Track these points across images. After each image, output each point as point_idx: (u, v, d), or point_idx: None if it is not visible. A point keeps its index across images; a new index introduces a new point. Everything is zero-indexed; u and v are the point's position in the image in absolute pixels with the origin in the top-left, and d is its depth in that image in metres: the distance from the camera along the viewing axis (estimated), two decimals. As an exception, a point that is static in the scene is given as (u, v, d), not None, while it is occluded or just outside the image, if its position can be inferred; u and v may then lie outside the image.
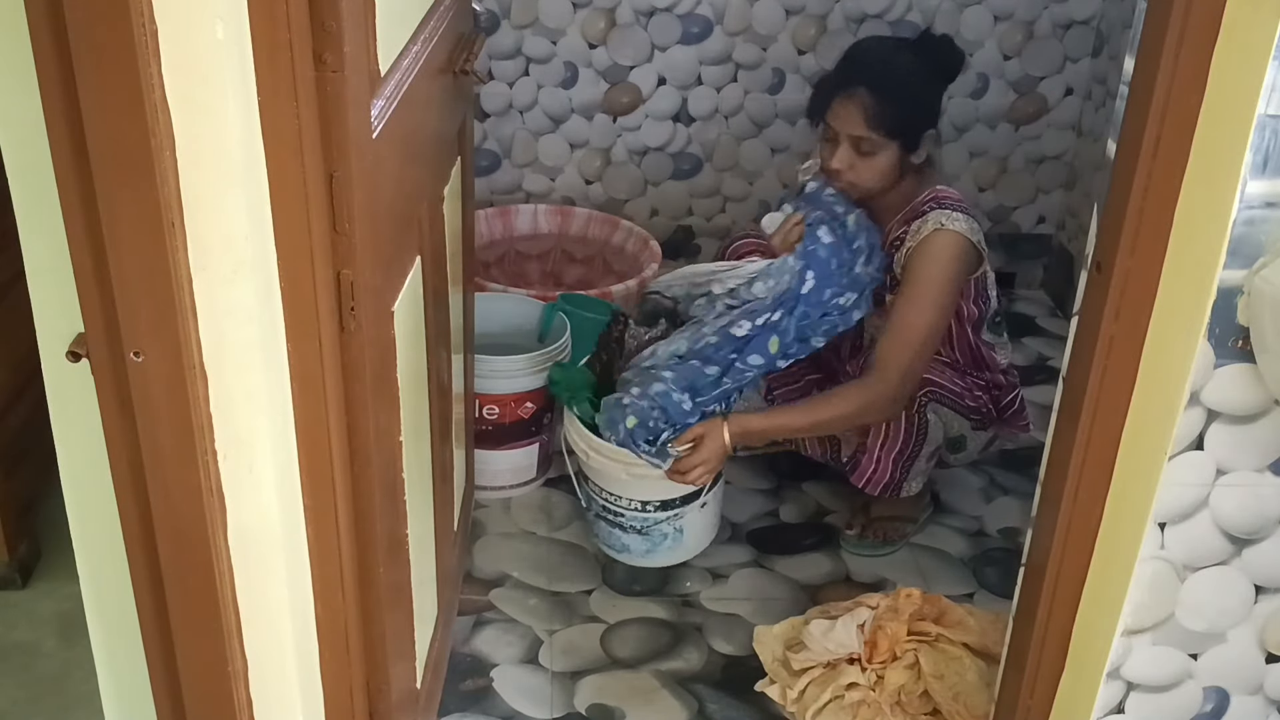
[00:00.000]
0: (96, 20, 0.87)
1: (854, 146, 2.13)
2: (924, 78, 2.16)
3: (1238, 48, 1.10)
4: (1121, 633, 1.35)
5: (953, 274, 2.14)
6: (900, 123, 2.11)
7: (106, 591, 1.17)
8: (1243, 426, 1.24)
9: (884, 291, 2.25)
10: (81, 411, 1.06)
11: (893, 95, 2.10)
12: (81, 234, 0.96)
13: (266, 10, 0.99)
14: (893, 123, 2.10)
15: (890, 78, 2.12)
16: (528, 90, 3.13)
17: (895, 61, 2.16)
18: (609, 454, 2.15)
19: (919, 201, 2.20)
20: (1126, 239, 1.22)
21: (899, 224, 2.22)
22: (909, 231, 2.19)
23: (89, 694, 1.32)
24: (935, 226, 2.14)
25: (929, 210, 2.17)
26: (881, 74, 2.12)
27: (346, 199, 1.14)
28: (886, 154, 2.13)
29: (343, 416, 1.24)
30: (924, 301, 2.13)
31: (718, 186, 3.28)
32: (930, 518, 2.45)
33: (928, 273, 2.13)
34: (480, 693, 2.01)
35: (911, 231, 2.18)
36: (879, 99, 2.09)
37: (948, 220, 2.14)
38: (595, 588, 2.28)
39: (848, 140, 2.14)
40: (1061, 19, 3.11)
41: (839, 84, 2.14)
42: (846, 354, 2.36)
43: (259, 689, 1.20)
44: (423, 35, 1.48)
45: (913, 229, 2.18)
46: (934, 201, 2.18)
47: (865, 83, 2.11)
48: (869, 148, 2.13)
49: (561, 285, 3.03)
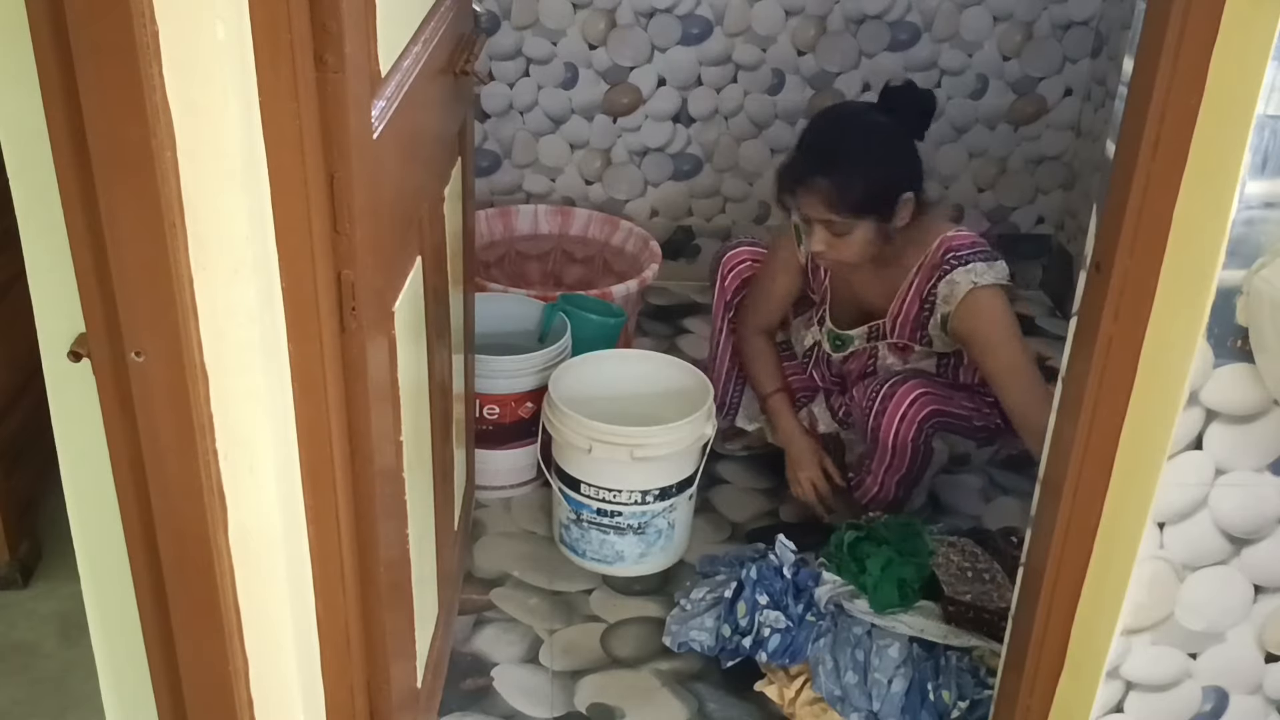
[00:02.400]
0: (97, 20, 0.87)
1: (827, 229, 2.12)
2: (886, 146, 2.13)
3: (1237, 48, 1.10)
4: (1120, 632, 1.35)
5: (1010, 320, 2.13)
6: (866, 201, 2.09)
7: (107, 591, 1.17)
8: (1242, 426, 1.24)
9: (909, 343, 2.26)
10: (82, 411, 1.06)
11: (853, 177, 2.08)
12: (82, 234, 0.96)
13: (267, 11, 1.00)
14: (858, 203, 2.09)
15: (847, 159, 2.09)
16: (528, 91, 3.13)
17: (850, 140, 2.12)
18: (614, 438, 2.16)
19: (934, 254, 2.17)
20: (1126, 239, 1.22)
21: (920, 276, 2.20)
22: (937, 295, 2.16)
23: (89, 694, 1.32)
24: (969, 287, 2.12)
25: (950, 268, 2.14)
26: (837, 157, 2.10)
27: (347, 199, 1.14)
28: (862, 229, 2.11)
29: (343, 416, 1.24)
30: (1006, 348, 2.12)
31: (718, 187, 3.28)
32: (930, 518, 2.45)
33: (995, 332, 2.12)
34: (481, 692, 2.01)
35: (941, 296, 2.16)
36: (838, 183, 2.08)
37: (976, 276, 2.12)
38: (595, 587, 2.28)
39: (820, 224, 2.13)
40: (1061, 19, 3.11)
41: (799, 174, 2.13)
42: (857, 375, 2.36)
43: (259, 689, 1.20)
44: (423, 36, 1.48)
45: (941, 294, 2.16)
46: (952, 257, 2.15)
47: (821, 170, 2.09)
48: (842, 229, 2.11)
49: (561, 285, 3.03)
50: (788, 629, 1.96)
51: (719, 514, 2.49)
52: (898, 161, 2.13)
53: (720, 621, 2.04)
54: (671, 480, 2.25)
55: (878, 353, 2.31)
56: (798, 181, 2.13)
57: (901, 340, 2.25)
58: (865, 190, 2.08)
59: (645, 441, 2.17)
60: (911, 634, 1.94)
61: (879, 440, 2.18)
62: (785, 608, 1.99)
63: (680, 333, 3.14)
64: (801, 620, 1.98)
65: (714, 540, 2.42)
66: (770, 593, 2.01)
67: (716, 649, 2.04)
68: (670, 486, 2.25)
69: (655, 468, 2.21)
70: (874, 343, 2.30)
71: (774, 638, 1.96)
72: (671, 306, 3.26)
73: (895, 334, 2.26)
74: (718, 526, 2.46)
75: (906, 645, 1.93)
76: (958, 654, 1.92)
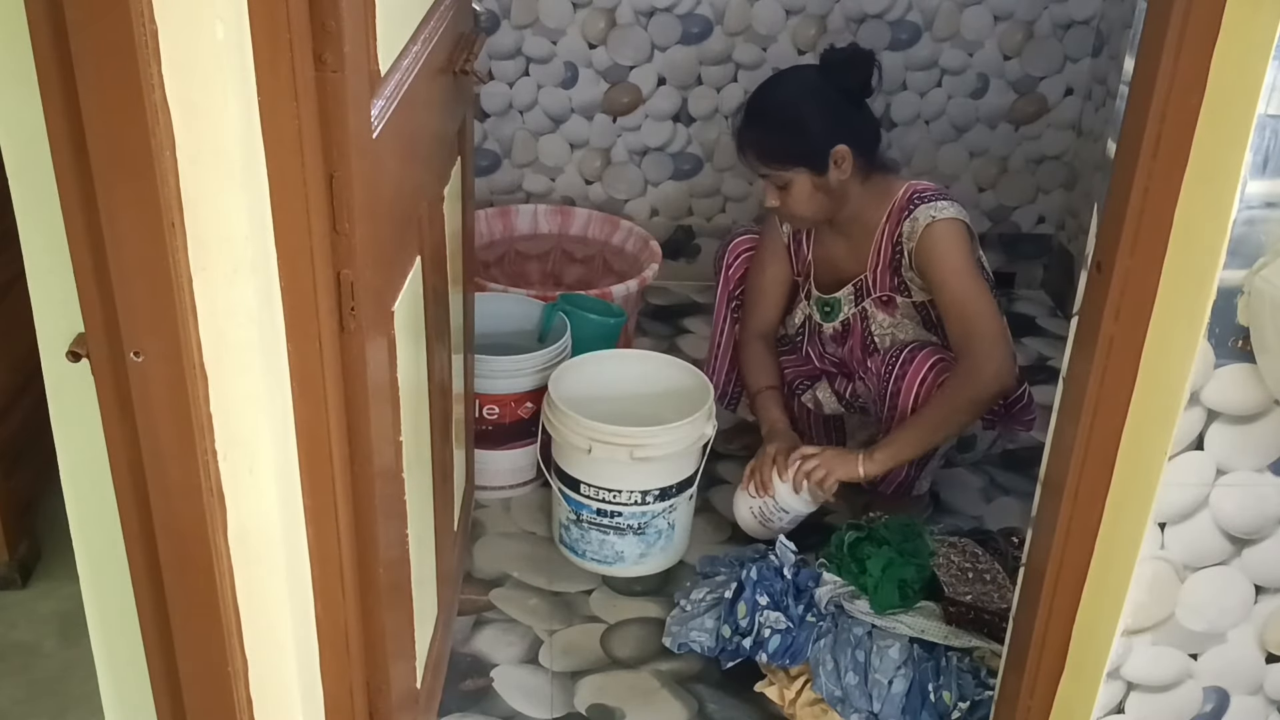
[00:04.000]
0: (96, 20, 0.87)
1: (769, 182, 2.24)
2: (809, 99, 2.21)
3: (1238, 48, 1.10)
4: (1121, 633, 1.35)
5: (967, 252, 2.19)
6: (793, 152, 2.19)
7: (106, 591, 1.17)
8: (1243, 426, 1.24)
9: (891, 294, 2.28)
10: (81, 411, 1.06)
11: (777, 129, 2.20)
12: (81, 234, 0.96)
13: (267, 10, 0.99)
14: (785, 154, 2.20)
15: (770, 112, 2.22)
16: (528, 90, 3.13)
17: (775, 93, 2.24)
18: (613, 438, 2.16)
19: (899, 200, 2.24)
20: (1126, 239, 1.22)
21: (890, 222, 2.25)
22: (903, 234, 2.22)
23: (89, 694, 1.32)
24: (927, 221, 2.19)
25: (913, 207, 2.21)
26: (763, 110, 2.22)
27: (346, 199, 1.14)
28: (799, 182, 2.21)
29: (343, 416, 1.24)
30: (956, 279, 2.17)
31: (718, 186, 3.28)
32: (930, 518, 2.45)
33: (949, 263, 2.18)
34: (480, 693, 2.01)
35: (905, 234, 2.22)
36: (763, 135, 2.21)
37: (936, 211, 2.19)
38: (595, 588, 2.28)
39: (762, 180, 2.26)
40: (1061, 19, 3.11)
41: (737, 131, 2.27)
42: (860, 354, 2.37)
43: (259, 689, 1.20)
44: (423, 35, 1.48)
45: (905, 232, 2.22)
46: (916, 197, 2.23)
47: (751, 122, 2.22)
48: (779, 181, 2.23)
49: (561, 285, 3.03)
50: (788, 630, 1.96)
51: (719, 514, 2.48)
52: (820, 112, 2.20)
53: (720, 622, 2.04)
54: (671, 480, 2.24)
55: (871, 322, 2.32)
56: (738, 139, 2.27)
57: (884, 293, 2.29)
58: (789, 141, 2.20)
59: (645, 442, 2.16)
60: (912, 635, 1.94)
61: (897, 407, 2.21)
62: (786, 608, 1.99)
63: (680, 333, 3.14)
64: (802, 621, 1.97)
65: (714, 540, 2.41)
66: (770, 593, 2.01)
67: (717, 650, 2.04)
68: (670, 487, 2.25)
69: (655, 468, 2.21)
70: (861, 304, 2.33)
71: (774, 638, 1.96)
72: (671, 306, 3.26)
73: (877, 287, 2.31)
74: (718, 527, 2.46)
75: (907, 646, 1.93)
76: (958, 655, 1.92)
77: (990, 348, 2.13)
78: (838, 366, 2.45)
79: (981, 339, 2.14)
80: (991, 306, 2.17)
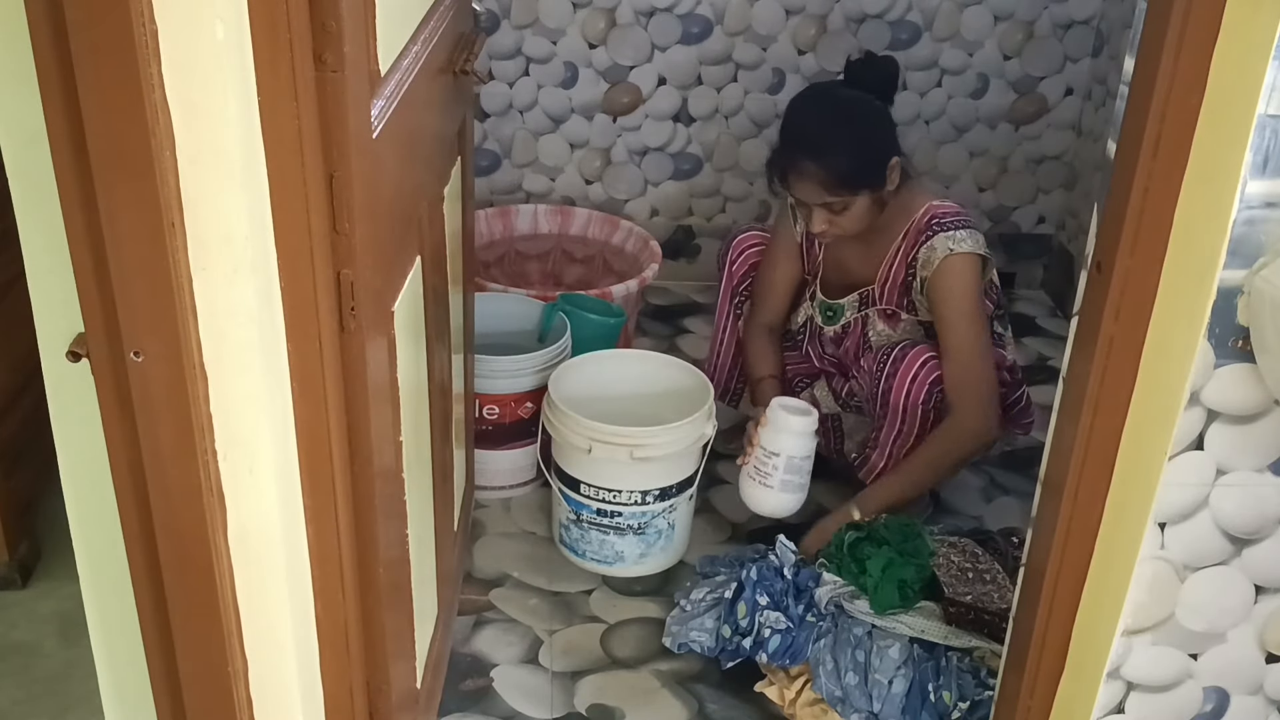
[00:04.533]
0: (96, 20, 0.87)
1: (826, 209, 2.19)
2: (864, 118, 2.19)
3: (1238, 48, 1.10)
4: (1121, 633, 1.35)
5: (975, 291, 2.20)
6: (858, 176, 2.15)
7: (106, 591, 1.17)
8: (1243, 426, 1.24)
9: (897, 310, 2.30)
10: (81, 411, 1.06)
11: (840, 156, 2.14)
12: (81, 234, 0.96)
13: (266, 10, 0.99)
14: (851, 179, 2.15)
15: (831, 140, 2.16)
16: (528, 90, 3.13)
17: (829, 120, 2.19)
18: (613, 438, 2.16)
19: (918, 220, 2.23)
20: (1126, 239, 1.22)
21: (906, 241, 2.25)
22: (918, 260, 2.22)
23: (89, 694, 1.32)
24: (945, 254, 2.18)
25: (933, 233, 2.20)
26: (821, 141, 2.16)
27: (346, 199, 1.14)
28: (860, 202, 2.18)
29: (343, 416, 1.24)
30: (963, 324, 2.18)
31: (718, 186, 3.28)
32: (930, 517, 2.45)
33: (957, 304, 2.19)
34: (480, 693, 2.01)
35: (921, 261, 2.22)
36: (827, 165, 2.14)
37: (955, 244, 2.18)
38: (595, 588, 2.28)
39: (818, 206, 2.19)
40: (1061, 19, 3.11)
41: (787, 162, 2.19)
42: (854, 354, 2.38)
43: (259, 689, 1.20)
44: (423, 35, 1.48)
45: (921, 258, 2.22)
46: (935, 222, 2.21)
47: (809, 155, 2.15)
48: (840, 206, 2.18)
49: (561, 285, 3.03)
50: (788, 630, 1.96)
51: (719, 514, 2.48)
52: (878, 130, 2.20)
53: (720, 622, 2.04)
54: (671, 480, 2.24)
55: (870, 328, 2.34)
56: (788, 170, 2.19)
57: (890, 307, 2.30)
58: (855, 166, 2.15)
59: (645, 442, 2.16)
60: (912, 635, 1.94)
61: (889, 404, 2.21)
62: (785, 608, 1.99)
63: (680, 333, 3.14)
64: (802, 621, 1.97)
65: (714, 541, 2.41)
66: (770, 593, 2.01)
67: (717, 650, 2.04)
68: (670, 487, 2.25)
69: (655, 468, 2.21)
70: (865, 310, 2.34)
71: (774, 638, 1.96)
72: (671, 306, 3.26)
73: (884, 300, 2.31)
74: (718, 527, 2.46)
75: (907, 646, 1.93)
76: (958, 655, 1.92)
77: (976, 407, 2.18)
78: (836, 366, 2.46)
79: (972, 394, 2.18)
80: (988, 361, 2.21)
